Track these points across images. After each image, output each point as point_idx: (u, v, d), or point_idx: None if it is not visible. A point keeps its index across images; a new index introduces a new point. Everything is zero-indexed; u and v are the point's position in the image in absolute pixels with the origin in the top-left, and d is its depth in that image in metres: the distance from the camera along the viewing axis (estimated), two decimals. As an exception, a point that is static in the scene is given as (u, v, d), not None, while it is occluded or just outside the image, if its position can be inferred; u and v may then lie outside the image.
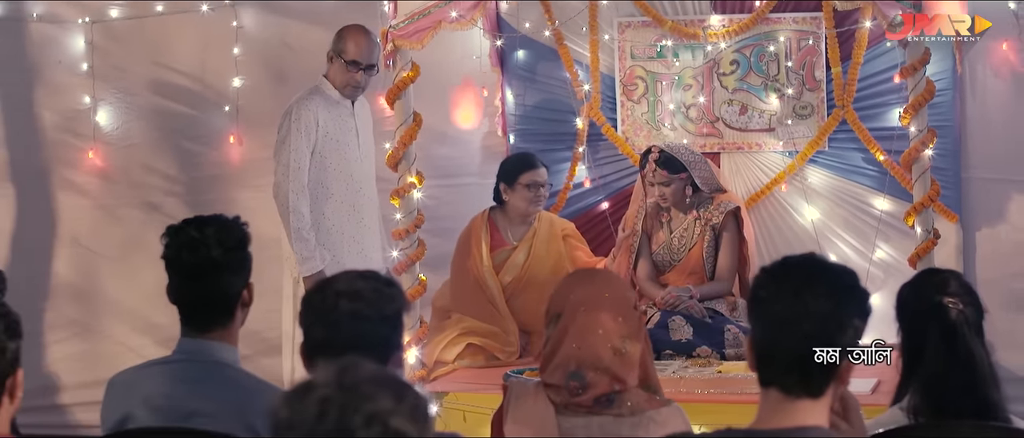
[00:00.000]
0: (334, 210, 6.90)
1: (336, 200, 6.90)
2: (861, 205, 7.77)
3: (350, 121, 7.03)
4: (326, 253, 6.81)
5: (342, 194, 6.93)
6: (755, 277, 3.17)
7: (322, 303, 3.35)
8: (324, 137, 6.89)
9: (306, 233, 6.74)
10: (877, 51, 7.67)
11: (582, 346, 4.07)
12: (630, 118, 8.02)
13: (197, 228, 4.12)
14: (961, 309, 4.10)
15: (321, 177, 6.88)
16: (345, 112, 7.02)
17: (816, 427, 3.06)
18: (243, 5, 8.10)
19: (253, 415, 3.97)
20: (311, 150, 6.85)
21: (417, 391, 2.30)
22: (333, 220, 6.91)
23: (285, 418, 2.26)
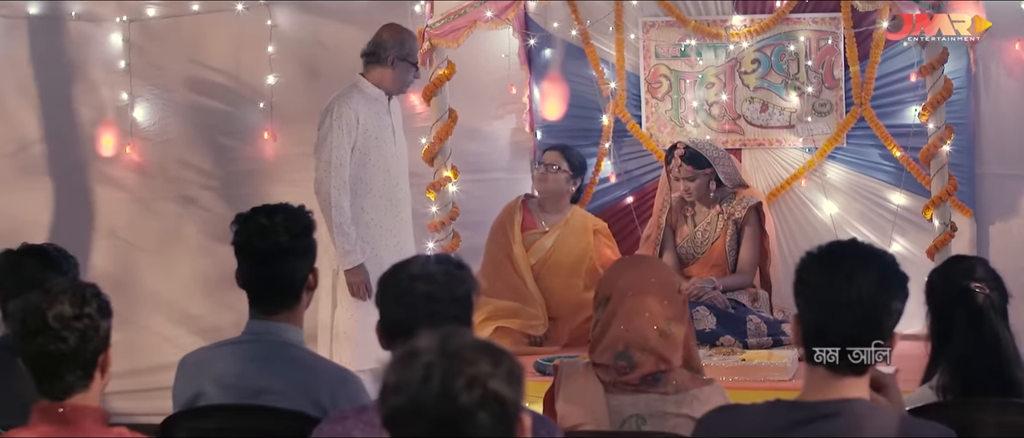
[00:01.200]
0: (372, 205, 7.06)
1: (375, 195, 7.06)
2: (878, 200, 7.90)
3: (387, 118, 7.19)
4: (366, 247, 6.98)
5: (380, 189, 7.08)
6: (802, 262, 3.39)
7: (398, 285, 3.57)
8: (364, 134, 7.04)
9: (347, 227, 6.90)
10: (894, 50, 7.79)
11: (629, 328, 4.29)
12: (654, 115, 8.16)
13: (266, 215, 4.34)
14: (987, 294, 4.34)
15: (360, 173, 7.03)
16: (382, 109, 7.17)
17: (859, 400, 3.29)
18: (277, 4, 8.23)
19: (318, 392, 4.20)
20: (351, 147, 6.99)
21: (512, 357, 2.53)
22: (371, 214, 7.06)
23: (392, 382, 2.48)
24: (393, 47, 7.11)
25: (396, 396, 2.47)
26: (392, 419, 2.49)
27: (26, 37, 8.34)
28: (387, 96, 7.20)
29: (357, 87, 7.16)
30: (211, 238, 8.35)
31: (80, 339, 3.44)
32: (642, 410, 4.27)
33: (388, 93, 7.21)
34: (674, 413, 4.25)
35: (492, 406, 2.44)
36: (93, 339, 3.47)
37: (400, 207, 7.25)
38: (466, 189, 7.35)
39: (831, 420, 3.25)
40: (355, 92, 7.12)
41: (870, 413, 3.28)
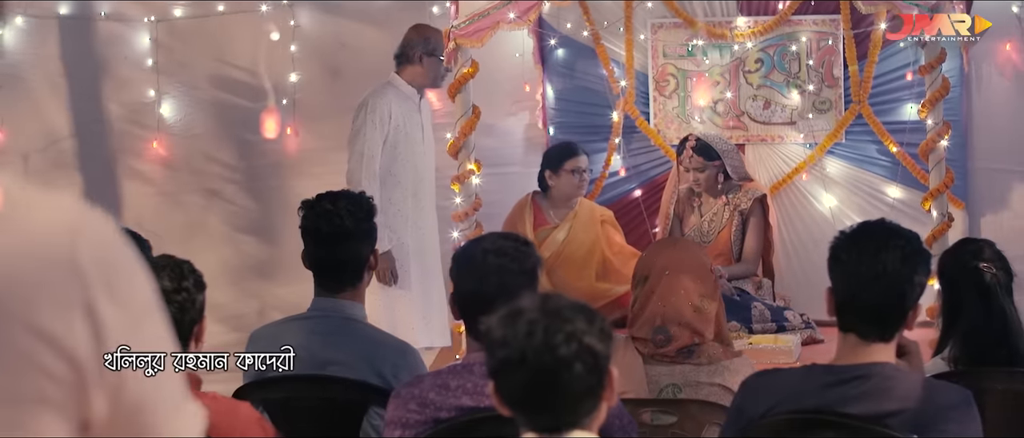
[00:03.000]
0: (401, 197, 7.28)
1: (402, 188, 7.28)
2: (875, 193, 8.19)
3: (416, 116, 7.44)
4: (393, 235, 7.22)
5: (407, 182, 7.31)
6: (835, 240, 3.76)
7: (472, 259, 3.91)
8: (396, 129, 7.27)
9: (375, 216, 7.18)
10: (891, 50, 8.08)
11: (666, 304, 4.64)
12: (662, 112, 8.43)
13: (330, 201, 4.67)
14: (994, 273, 4.70)
15: (390, 166, 7.25)
16: (413, 107, 7.41)
17: (886, 364, 3.67)
18: (300, 5, 8.41)
19: (380, 364, 4.53)
20: (384, 140, 7.23)
21: (603, 317, 2.89)
22: (399, 206, 7.28)
23: (500, 337, 2.85)
24: (419, 45, 7.36)
25: (503, 349, 2.83)
26: (498, 369, 2.86)
27: (57, 36, 8.47)
28: (418, 95, 7.45)
29: (392, 84, 7.38)
30: (235, 229, 8.59)
31: (179, 311, 3.75)
32: (678, 380, 4.61)
33: (420, 89, 7.46)
34: (707, 382, 4.59)
35: (586, 358, 2.81)
36: (190, 311, 3.80)
37: (424, 200, 7.50)
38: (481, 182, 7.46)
39: (862, 381, 3.62)
40: (389, 88, 7.35)
41: (896, 375, 3.65)
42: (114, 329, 1.58)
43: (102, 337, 1.58)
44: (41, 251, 1.55)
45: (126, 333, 1.60)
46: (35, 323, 1.53)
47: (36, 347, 1.53)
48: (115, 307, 1.59)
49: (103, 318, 1.57)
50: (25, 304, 1.53)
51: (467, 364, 3.85)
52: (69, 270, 1.56)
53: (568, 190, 7.71)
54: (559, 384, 2.80)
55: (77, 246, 1.58)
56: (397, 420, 3.80)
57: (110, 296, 1.58)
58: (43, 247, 1.56)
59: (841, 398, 3.62)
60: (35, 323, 1.53)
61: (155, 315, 1.68)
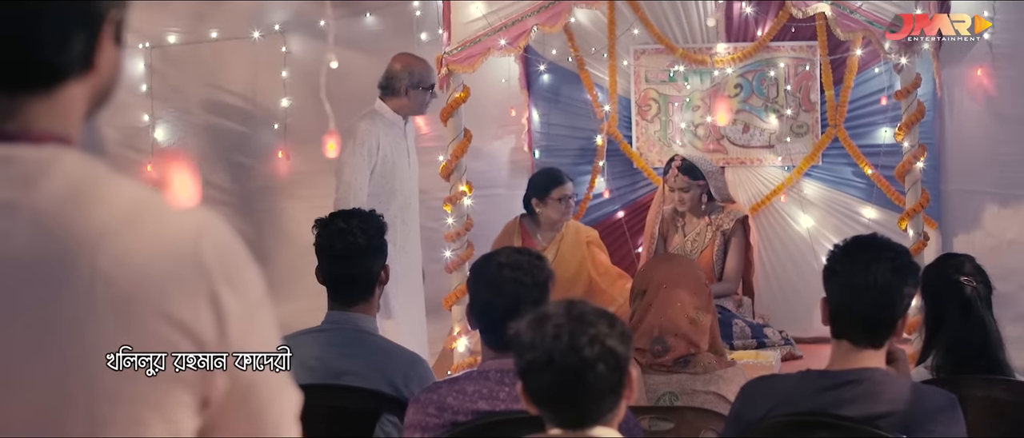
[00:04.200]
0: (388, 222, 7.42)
1: (389, 214, 7.39)
2: (851, 214, 8.40)
3: (403, 142, 7.56)
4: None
5: (394, 208, 7.40)
6: (830, 253, 3.99)
7: (487, 272, 4.13)
8: (383, 159, 7.38)
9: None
10: (866, 76, 8.32)
11: (663, 317, 4.87)
12: (644, 135, 8.65)
13: (343, 220, 4.88)
14: (974, 286, 4.93)
15: (378, 193, 7.35)
16: (399, 133, 7.53)
17: (877, 369, 3.90)
18: (291, 32, 8.56)
19: (392, 374, 4.70)
20: (371, 170, 7.33)
21: (623, 322, 3.13)
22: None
23: (528, 340, 3.07)
24: (404, 77, 7.45)
25: (531, 351, 3.06)
26: (527, 369, 3.08)
27: None
28: (404, 121, 7.57)
29: (377, 112, 7.49)
30: (229, 250, 8.71)
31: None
32: (674, 388, 4.83)
33: (406, 117, 7.60)
34: (703, 391, 4.82)
35: (608, 359, 3.03)
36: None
37: (410, 223, 7.64)
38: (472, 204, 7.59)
39: (854, 385, 3.85)
40: (376, 117, 7.45)
41: (887, 380, 3.88)
42: (234, 316, 1.82)
43: (224, 323, 1.81)
44: (171, 249, 1.78)
45: (243, 320, 1.83)
46: (167, 311, 1.76)
47: (169, 331, 1.76)
48: (235, 297, 1.82)
49: (225, 306, 1.81)
50: (159, 294, 1.76)
51: (483, 370, 4.06)
52: (195, 265, 1.79)
53: (555, 216, 7.87)
54: (583, 383, 3.03)
55: (201, 244, 1.81)
56: (416, 424, 4.01)
57: (230, 287, 1.81)
58: (173, 245, 1.79)
59: (835, 401, 3.84)
60: (167, 311, 1.76)
61: (266, 305, 1.91)
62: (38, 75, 1.81)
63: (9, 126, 1.79)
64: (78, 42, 1.82)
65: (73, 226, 1.74)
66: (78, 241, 1.73)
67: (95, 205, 1.76)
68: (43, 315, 1.71)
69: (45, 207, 1.74)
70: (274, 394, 1.91)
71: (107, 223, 1.75)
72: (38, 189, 1.75)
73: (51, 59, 1.80)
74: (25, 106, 1.80)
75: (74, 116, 1.86)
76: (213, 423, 1.85)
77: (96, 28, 1.84)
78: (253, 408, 1.89)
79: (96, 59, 1.85)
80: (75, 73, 1.83)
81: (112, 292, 1.72)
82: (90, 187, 1.78)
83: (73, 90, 1.84)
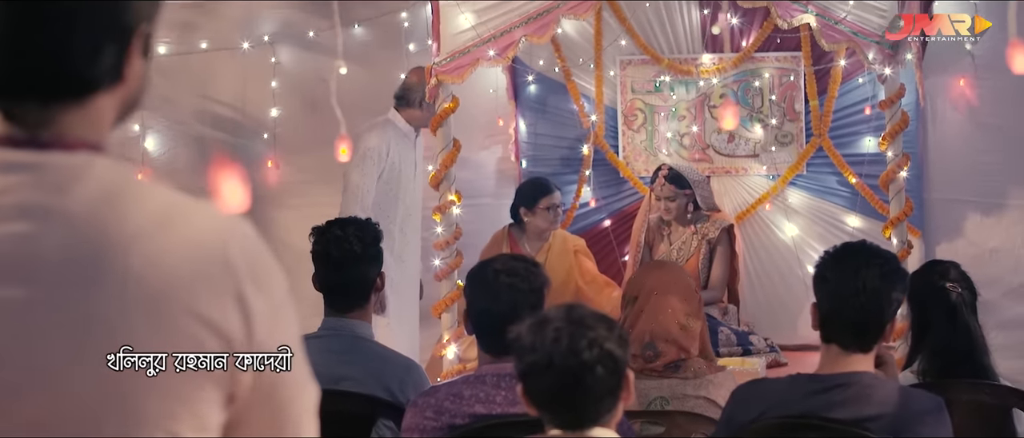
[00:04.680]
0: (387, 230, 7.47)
1: (390, 221, 7.48)
2: (835, 222, 8.46)
3: (411, 154, 7.67)
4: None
5: (396, 216, 7.53)
6: (820, 260, 4.07)
7: (485, 278, 4.21)
8: (391, 167, 7.49)
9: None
10: (850, 86, 8.39)
11: (655, 323, 4.93)
12: (630, 145, 8.72)
13: (340, 228, 4.96)
14: (960, 292, 5.02)
15: (382, 200, 7.45)
16: (409, 145, 7.64)
17: (865, 372, 3.99)
18: (280, 43, 8.60)
19: (388, 379, 4.78)
20: (379, 176, 7.44)
21: (620, 326, 3.21)
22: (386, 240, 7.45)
23: (529, 343, 3.16)
24: (419, 90, 7.52)
25: (532, 354, 3.14)
26: (527, 372, 3.17)
27: None
28: (415, 133, 7.68)
29: (391, 121, 7.61)
30: (219, 259, 8.72)
31: None
32: (665, 392, 4.88)
33: (417, 128, 7.69)
34: (693, 395, 4.87)
35: (607, 362, 3.12)
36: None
37: (409, 234, 7.74)
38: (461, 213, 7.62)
39: (844, 389, 3.94)
40: (389, 126, 7.58)
41: (875, 383, 3.97)
42: (259, 315, 1.89)
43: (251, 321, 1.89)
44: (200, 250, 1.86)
45: (269, 318, 1.91)
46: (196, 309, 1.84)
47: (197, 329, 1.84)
48: (260, 296, 1.90)
49: (251, 306, 1.88)
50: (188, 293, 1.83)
51: (480, 375, 4.14)
52: (223, 265, 1.87)
53: (543, 225, 7.95)
54: (582, 385, 3.11)
55: (228, 245, 1.88)
56: (414, 426, 4.08)
57: (256, 287, 1.89)
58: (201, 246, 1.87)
59: (825, 404, 3.93)
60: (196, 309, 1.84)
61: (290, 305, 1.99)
62: (70, 86, 1.88)
63: (43, 134, 1.86)
64: (108, 55, 1.89)
65: (106, 229, 1.81)
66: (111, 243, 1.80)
67: (127, 209, 1.84)
68: (77, 315, 1.79)
69: (79, 211, 1.82)
70: (297, 390, 2.00)
71: (138, 226, 1.82)
72: (72, 194, 1.83)
73: (82, 71, 1.88)
74: (58, 115, 1.87)
75: (105, 124, 1.94)
76: (238, 418, 1.93)
77: (126, 42, 1.91)
78: (277, 403, 1.97)
79: (125, 71, 1.93)
80: (105, 84, 1.91)
81: (144, 292, 1.80)
82: (121, 191, 1.86)
83: (103, 100, 1.92)
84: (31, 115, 1.87)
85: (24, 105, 1.86)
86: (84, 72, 1.88)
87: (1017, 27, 5.52)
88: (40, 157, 1.84)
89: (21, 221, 1.80)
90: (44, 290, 1.79)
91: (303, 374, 2.01)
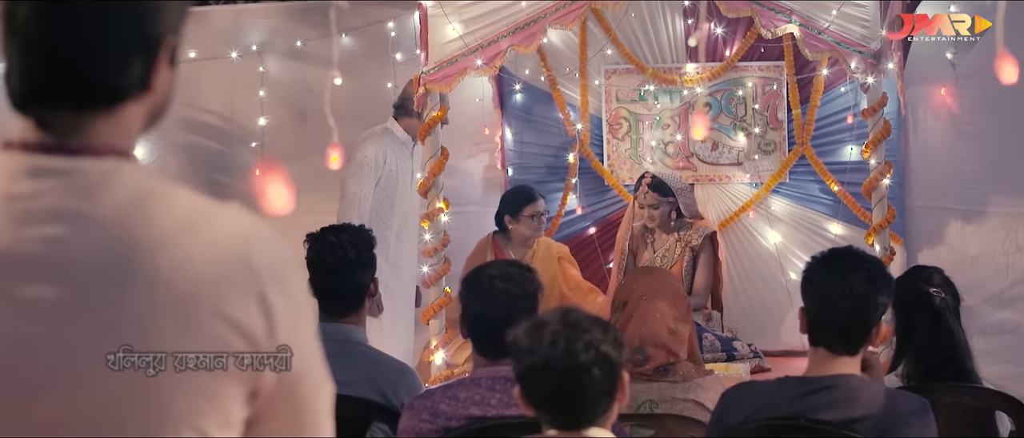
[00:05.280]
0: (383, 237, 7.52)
1: (387, 228, 7.58)
2: (818, 230, 8.53)
3: (408, 162, 7.78)
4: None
5: (392, 223, 7.62)
6: (808, 264, 4.15)
7: (479, 283, 4.29)
8: (388, 174, 7.60)
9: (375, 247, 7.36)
10: (832, 95, 8.47)
11: (644, 327, 5.00)
12: (615, 153, 8.79)
13: (334, 234, 5.03)
14: (943, 297, 5.10)
15: (379, 208, 7.56)
16: (406, 153, 7.75)
17: (852, 375, 4.07)
18: (268, 53, 8.70)
19: (382, 383, 4.84)
20: (376, 183, 7.54)
21: (615, 328, 3.29)
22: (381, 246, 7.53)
23: (526, 345, 3.24)
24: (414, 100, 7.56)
25: (529, 356, 3.22)
26: (525, 374, 3.25)
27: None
28: (412, 142, 7.77)
29: (389, 130, 7.74)
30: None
31: None
32: (655, 396, 4.96)
33: (415, 138, 7.75)
34: (682, 398, 4.94)
35: (603, 364, 3.20)
36: None
37: (405, 240, 7.83)
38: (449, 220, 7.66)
39: (831, 391, 4.02)
40: (387, 135, 7.70)
41: (862, 385, 4.05)
42: (281, 315, 1.97)
43: (273, 321, 1.97)
44: (224, 253, 1.94)
45: (290, 319, 1.99)
46: (221, 310, 1.92)
47: (223, 329, 1.92)
48: (282, 297, 1.98)
49: (273, 306, 1.96)
50: (214, 295, 1.91)
51: (475, 378, 4.22)
52: (246, 267, 1.95)
53: (527, 233, 8.04)
54: (579, 387, 3.19)
55: (251, 248, 1.96)
56: (410, 429, 4.15)
57: (278, 288, 1.97)
58: (225, 249, 1.94)
59: (812, 406, 4.01)
60: (221, 310, 1.92)
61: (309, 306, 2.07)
62: (100, 95, 1.96)
63: (74, 141, 1.94)
64: (136, 66, 1.97)
65: (135, 233, 1.89)
66: (140, 247, 1.88)
67: (154, 213, 1.92)
68: (109, 315, 1.87)
69: (108, 215, 1.90)
70: (316, 387, 2.08)
71: (166, 230, 1.91)
72: (102, 199, 1.91)
73: (112, 82, 1.96)
74: (88, 123, 1.95)
75: (133, 132, 2.02)
76: (261, 413, 2.01)
77: (154, 52, 2.00)
78: (298, 400, 2.05)
79: (153, 80, 2.01)
80: (134, 93, 1.99)
81: (172, 293, 1.88)
82: (149, 197, 1.94)
83: (132, 108, 2.00)
84: (62, 122, 1.95)
85: (56, 113, 1.95)
86: (113, 82, 1.96)
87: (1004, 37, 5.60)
88: (71, 163, 1.92)
89: (54, 224, 1.88)
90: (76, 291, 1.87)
91: (321, 373, 2.09)
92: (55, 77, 1.94)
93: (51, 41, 1.92)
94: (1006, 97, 7.54)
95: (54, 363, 1.86)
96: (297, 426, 2.06)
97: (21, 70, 1.94)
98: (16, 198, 1.90)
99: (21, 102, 1.96)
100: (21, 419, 1.87)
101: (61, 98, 1.94)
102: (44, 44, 1.92)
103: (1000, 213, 7.88)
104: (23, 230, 1.88)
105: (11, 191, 1.90)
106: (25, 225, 1.89)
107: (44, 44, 1.92)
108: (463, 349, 7.73)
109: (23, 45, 1.93)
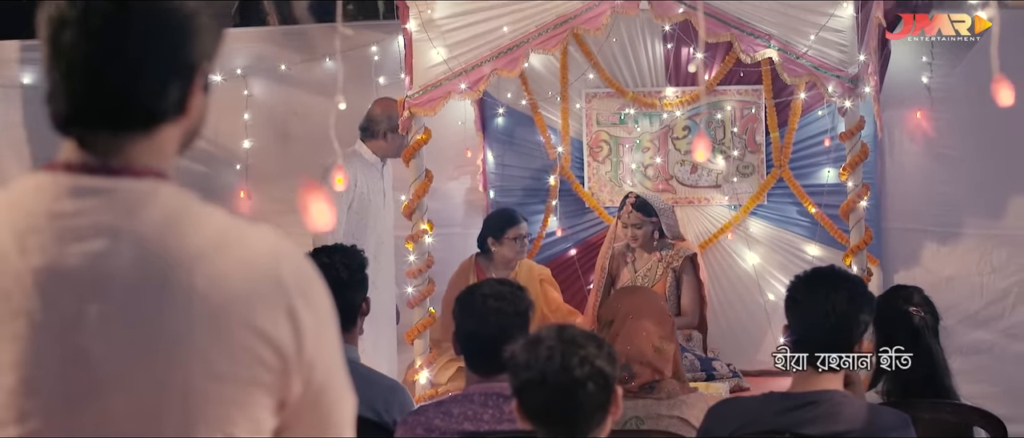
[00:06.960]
0: None
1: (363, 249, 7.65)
2: (795, 251, 8.62)
3: (379, 183, 7.84)
4: None
5: (369, 246, 7.52)
6: (791, 283, 4.27)
7: (472, 302, 4.39)
8: (359, 197, 7.65)
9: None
10: (809, 119, 8.57)
11: (630, 345, 5.12)
12: (596, 176, 8.86)
13: (326, 255, 5.11)
14: (922, 316, 5.22)
15: (353, 231, 7.59)
16: (376, 174, 7.81)
17: (835, 391, 4.19)
18: (253, 76, 8.77)
19: (374, 400, 4.92)
20: (348, 206, 7.59)
21: (609, 344, 3.40)
22: None
23: (523, 361, 3.34)
24: (383, 122, 7.77)
25: (526, 371, 3.33)
26: (522, 388, 3.35)
27: (20, 105, 8.76)
28: (381, 163, 7.85)
29: (357, 152, 7.77)
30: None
31: None
32: (640, 413, 5.07)
33: (383, 159, 7.88)
34: (667, 415, 5.06)
35: (597, 378, 3.31)
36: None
37: (383, 261, 7.87)
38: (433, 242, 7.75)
39: (814, 406, 4.14)
40: (355, 157, 7.73)
41: (844, 401, 4.17)
42: (308, 328, 2.08)
43: (300, 334, 2.07)
44: (255, 269, 2.04)
45: (316, 331, 2.10)
46: (252, 323, 2.02)
47: (253, 342, 2.02)
48: (309, 311, 2.08)
49: (301, 320, 2.07)
50: (246, 309, 2.02)
51: (468, 394, 4.32)
52: (275, 283, 2.05)
53: (510, 255, 8.12)
54: (574, 401, 3.30)
55: (280, 264, 2.07)
56: (405, 444, 4.26)
57: (305, 302, 2.08)
58: (256, 266, 2.05)
59: (797, 421, 4.13)
60: (252, 323, 2.02)
61: (333, 320, 2.17)
62: (139, 119, 2.07)
63: (114, 162, 2.05)
64: (173, 91, 2.08)
65: (171, 250, 2.00)
66: (176, 263, 1.99)
67: (189, 231, 2.02)
68: (147, 328, 1.97)
69: (146, 233, 2.01)
70: (340, 397, 2.19)
71: (201, 247, 2.01)
72: (140, 217, 2.01)
73: (150, 105, 2.07)
74: (127, 145, 2.06)
75: (169, 153, 2.13)
76: (288, 422, 2.12)
77: (190, 78, 2.10)
78: (323, 409, 2.16)
79: (189, 105, 2.12)
80: (171, 117, 2.10)
81: (206, 307, 1.99)
82: (184, 216, 2.05)
83: (168, 131, 2.11)
84: (102, 143, 2.05)
85: (97, 134, 2.05)
86: (152, 105, 2.07)
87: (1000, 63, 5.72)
88: (111, 183, 2.03)
89: (96, 240, 1.99)
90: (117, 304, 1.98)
91: (344, 383, 2.20)
92: (97, 100, 2.04)
93: (94, 65, 2.02)
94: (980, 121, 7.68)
95: (98, 371, 1.96)
96: (321, 434, 2.16)
97: (64, 93, 2.04)
98: (60, 216, 2.00)
99: (64, 123, 2.06)
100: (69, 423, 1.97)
101: (102, 120, 2.05)
102: (87, 68, 2.02)
103: (975, 235, 8.04)
104: (67, 247, 1.99)
105: (55, 209, 2.01)
106: (69, 242, 1.99)
107: (87, 68, 2.02)
108: (447, 369, 7.81)
109: (67, 69, 2.03)
